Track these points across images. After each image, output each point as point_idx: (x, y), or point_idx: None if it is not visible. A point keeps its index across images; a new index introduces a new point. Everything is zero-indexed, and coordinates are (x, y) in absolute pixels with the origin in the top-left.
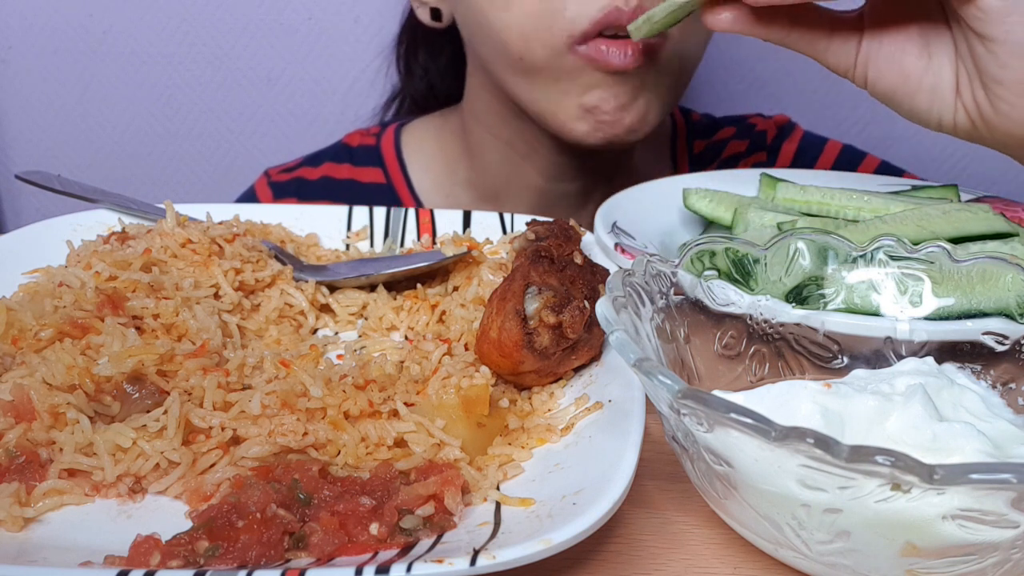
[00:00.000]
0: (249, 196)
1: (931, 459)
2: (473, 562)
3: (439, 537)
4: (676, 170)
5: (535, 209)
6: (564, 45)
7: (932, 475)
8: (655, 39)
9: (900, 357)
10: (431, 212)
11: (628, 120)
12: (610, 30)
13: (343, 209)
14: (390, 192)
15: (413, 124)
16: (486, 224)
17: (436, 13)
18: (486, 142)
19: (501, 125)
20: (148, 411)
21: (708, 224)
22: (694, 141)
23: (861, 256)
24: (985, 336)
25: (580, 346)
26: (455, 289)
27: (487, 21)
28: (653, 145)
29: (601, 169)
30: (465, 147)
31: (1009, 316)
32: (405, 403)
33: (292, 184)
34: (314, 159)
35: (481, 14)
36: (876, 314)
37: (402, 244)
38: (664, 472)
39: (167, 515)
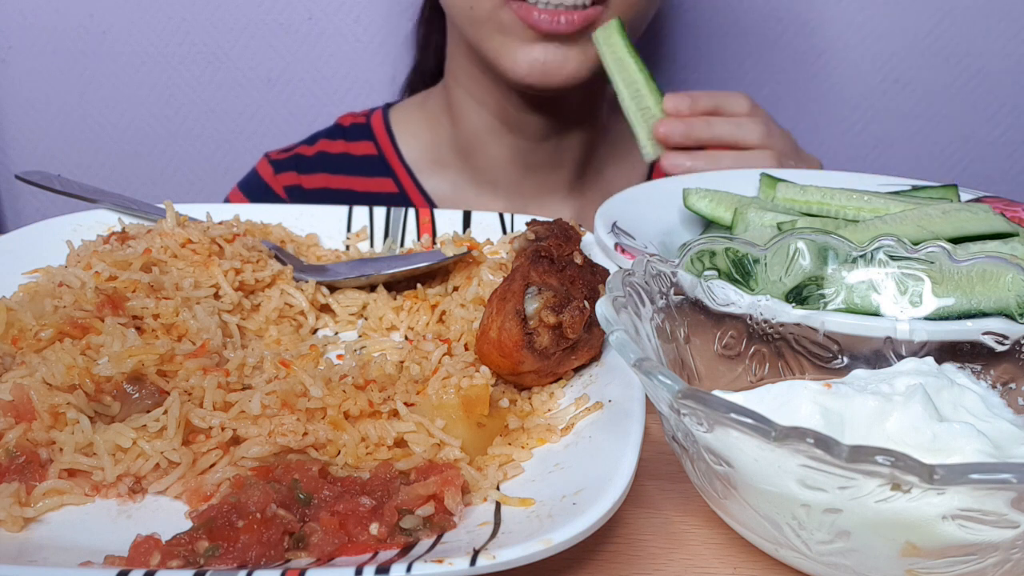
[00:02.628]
0: (251, 177)
1: (931, 459)
2: (473, 562)
3: (439, 537)
4: None
5: (512, 165)
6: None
7: (932, 475)
8: (592, 9)
9: (900, 357)
10: (431, 212)
11: (562, 74)
12: None
13: (343, 209)
14: (381, 162)
15: (399, 104)
16: (486, 224)
17: None
18: (465, 103)
19: (474, 85)
20: (148, 411)
21: (708, 224)
22: None
23: (861, 256)
24: (985, 336)
25: (580, 346)
26: (455, 289)
27: None
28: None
29: (571, 128)
30: (447, 110)
31: (1009, 316)
32: (405, 403)
33: (291, 160)
34: (310, 139)
35: None
36: (876, 314)
37: (402, 244)
38: (664, 472)
39: (167, 515)
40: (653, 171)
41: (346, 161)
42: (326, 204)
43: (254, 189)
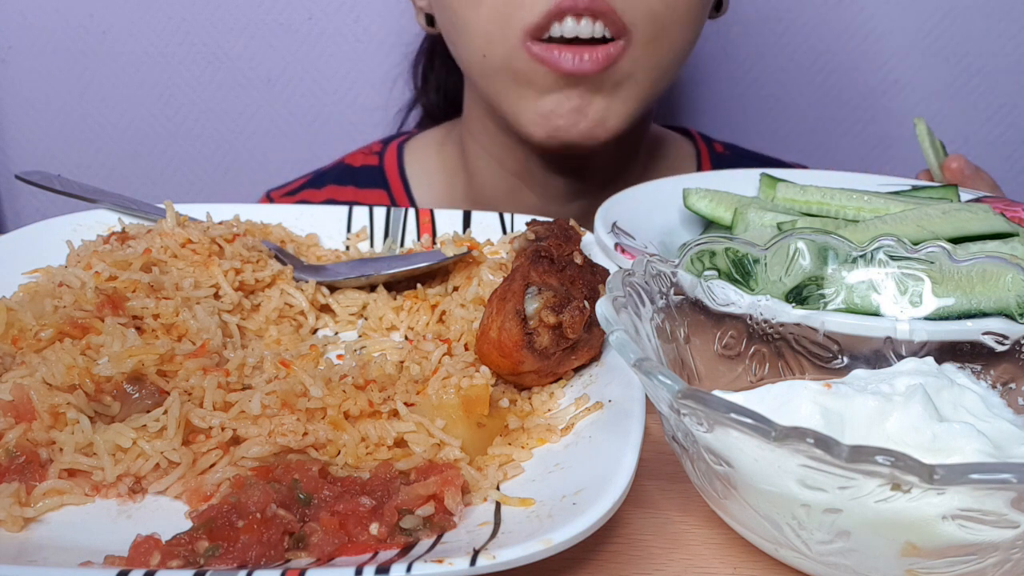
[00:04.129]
0: None
1: (931, 459)
2: (473, 562)
3: (439, 537)
4: None
5: None
6: (519, 40)
7: (932, 475)
8: (613, 46)
9: (900, 357)
10: (431, 212)
11: (584, 125)
12: (568, 23)
13: (343, 209)
14: None
15: (415, 140)
16: (486, 224)
17: (431, 19)
18: (480, 159)
19: (492, 142)
20: (148, 411)
21: (708, 224)
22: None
23: (861, 256)
24: (985, 336)
25: (580, 346)
26: (455, 289)
27: (457, 19)
28: (676, 171)
29: (601, 192)
30: (464, 164)
31: (1009, 316)
32: (405, 403)
33: None
34: (317, 181)
35: (453, 12)
36: (876, 314)
37: (402, 244)
38: (664, 472)
39: (167, 515)
40: None
41: None
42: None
43: None
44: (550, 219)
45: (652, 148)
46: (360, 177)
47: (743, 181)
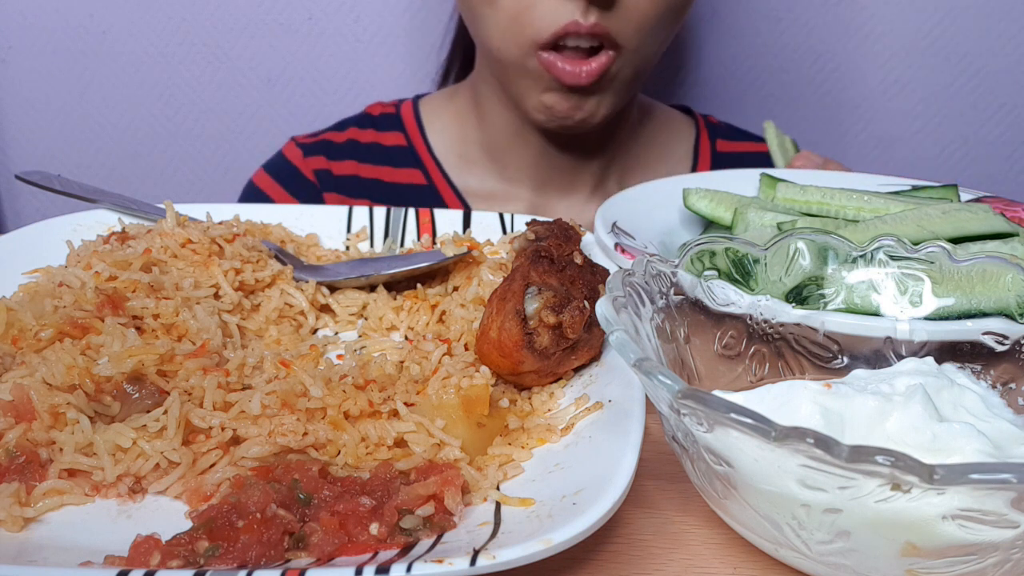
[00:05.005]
0: (278, 160)
1: (931, 459)
2: (473, 562)
3: (439, 537)
4: (696, 163)
5: (537, 168)
6: (530, 48)
7: (932, 475)
8: (605, 57)
9: (900, 357)
10: (431, 212)
11: (579, 116)
12: (571, 40)
13: (343, 209)
14: (411, 153)
15: (429, 96)
16: (486, 224)
17: None
18: (493, 103)
19: (503, 88)
20: (148, 411)
21: (708, 224)
22: (717, 140)
23: (861, 256)
24: (985, 336)
25: (580, 346)
26: (455, 289)
27: (475, 12)
28: (675, 137)
29: (599, 133)
30: (475, 109)
31: (1009, 316)
32: (405, 403)
33: (319, 145)
34: (339, 126)
35: (470, 3)
36: (876, 314)
37: (402, 244)
38: (664, 472)
39: (167, 515)
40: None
41: (376, 151)
42: (355, 191)
43: (282, 171)
44: (550, 219)
45: (649, 116)
46: (380, 122)
47: (743, 181)
